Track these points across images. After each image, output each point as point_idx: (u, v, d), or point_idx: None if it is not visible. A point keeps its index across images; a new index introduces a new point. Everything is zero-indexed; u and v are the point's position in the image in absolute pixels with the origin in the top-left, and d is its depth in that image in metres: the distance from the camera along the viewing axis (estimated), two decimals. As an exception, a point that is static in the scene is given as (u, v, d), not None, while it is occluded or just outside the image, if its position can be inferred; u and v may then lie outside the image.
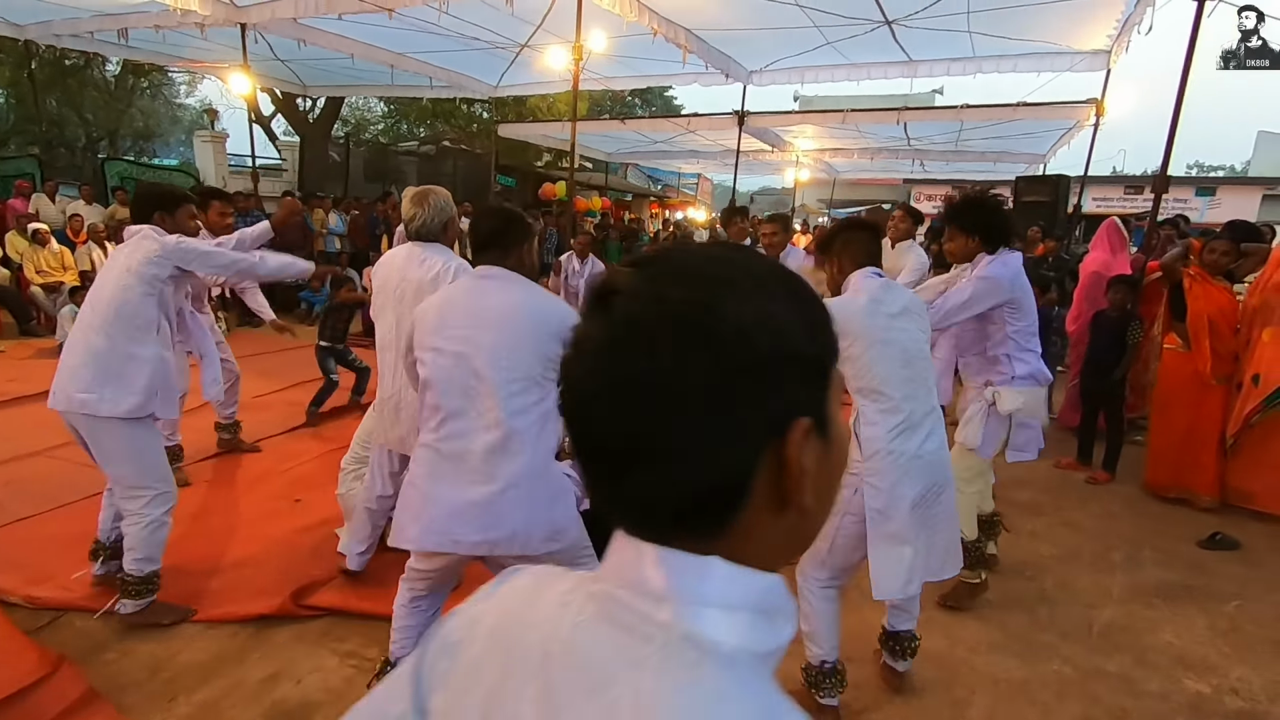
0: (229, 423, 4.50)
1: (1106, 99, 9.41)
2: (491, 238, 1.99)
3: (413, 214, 2.72)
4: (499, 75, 11.49)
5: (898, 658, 2.43)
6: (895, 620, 2.41)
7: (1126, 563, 3.50)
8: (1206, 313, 4.06)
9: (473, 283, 1.99)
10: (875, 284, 2.19)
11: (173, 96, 24.76)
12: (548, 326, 1.87)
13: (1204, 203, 19.29)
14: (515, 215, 2.06)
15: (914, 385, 2.12)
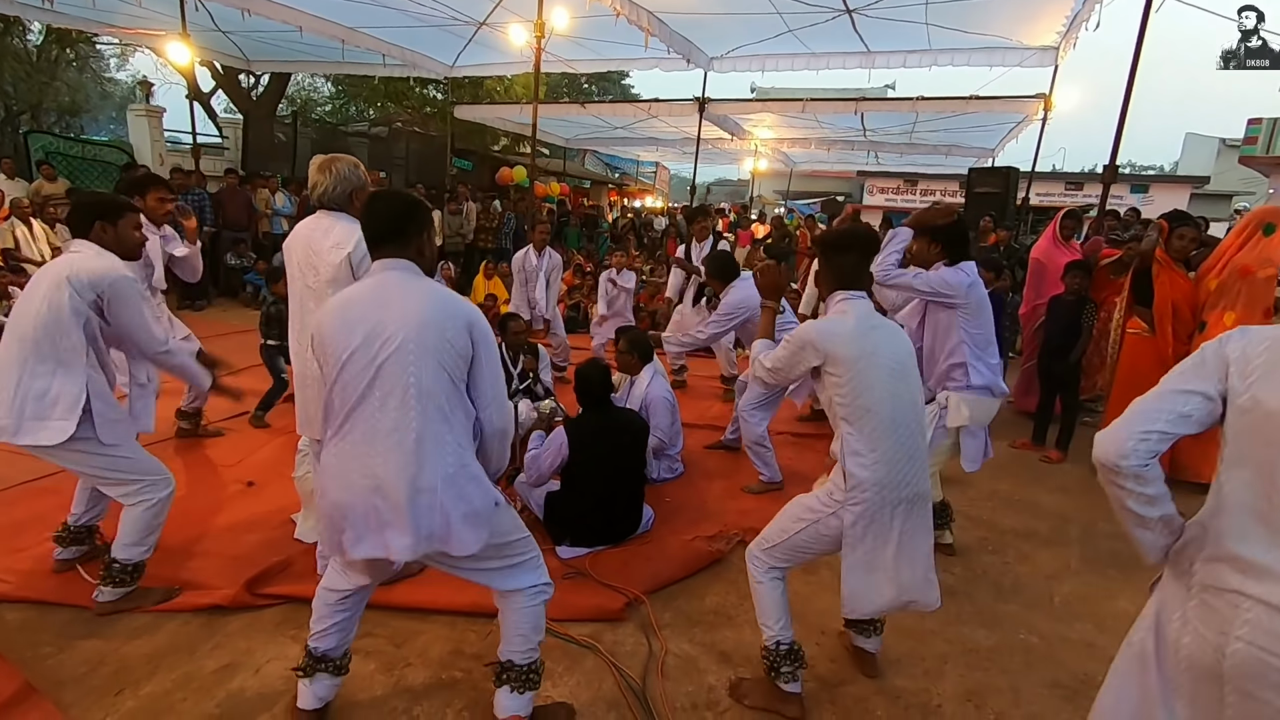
0: (192, 411, 4.29)
1: (1054, 94, 9.72)
2: (390, 228, 1.85)
3: (316, 181, 2.59)
4: (455, 54, 11.20)
5: (866, 636, 2.42)
6: (866, 644, 2.46)
7: (1082, 536, 3.62)
8: (1171, 298, 4.17)
9: (375, 279, 1.85)
10: (863, 305, 2.14)
11: (102, 70, 23.41)
12: (456, 322, 1.78)
13: (1138, 199, 20.22)
14: (413, 202, 1.92)
15: (901, 409, 2.05)
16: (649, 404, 3.94)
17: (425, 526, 1.75)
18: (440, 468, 1.75)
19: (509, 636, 2.00)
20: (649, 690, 2.29)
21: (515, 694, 1.98)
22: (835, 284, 2.19)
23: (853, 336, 2.06)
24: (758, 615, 2.24)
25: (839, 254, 2.20)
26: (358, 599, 2.03)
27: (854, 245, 2.21)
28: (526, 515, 3.42)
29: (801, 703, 2.19)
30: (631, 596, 2.78)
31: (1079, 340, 4.48)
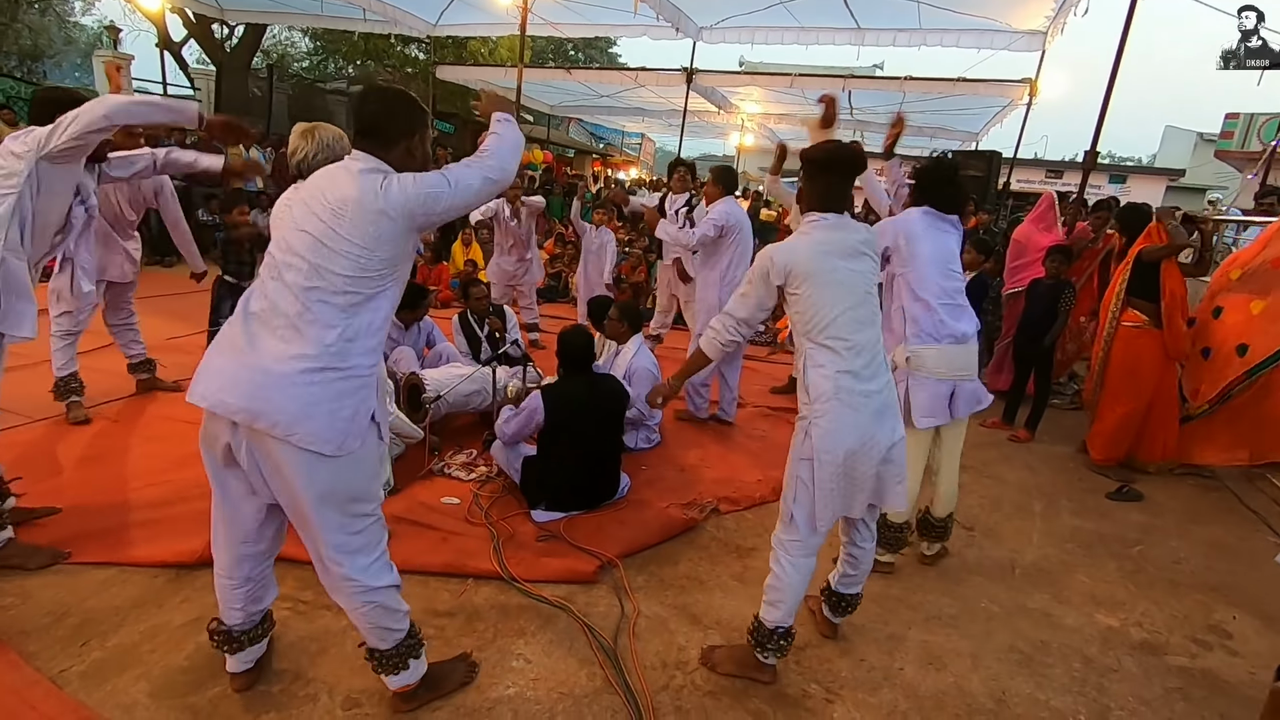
0: (138, 361, 4.19)
1: (1040, 79, 9.76)
2: (372, 124, 1.72)
3: (296, 147, 2.50)
4: (439, 12, 10.89)
5: (838, 614, 2.45)
6: (844, 584, 2.38)
7: (1045, 512, 3.72)
8: (1179, 292, 4.09)
9: (328, 170, 1.74)
10: (824, 225, 2.13)
11: (66, 14, 22.40)
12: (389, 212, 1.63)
13: (1116, 189, 20.48)
14: (403, 98, 1.78)
15: (863, 326, 2.07)
16: (632, 374, 3.94)
17: (272, 401, 1.60)
18: (322, 351, 1.62)
19: (361, 630, 1.88)
20: (620, 650, 2.32)
21: (390, 676, 1.91)
22: (812, 204, 2.16)
23: (808, 251, 2.10)
24: (769, 593, 2.19)
25: (820, 173, 2.16)
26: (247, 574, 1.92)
27: (835, 164, 2.15)
28: (503, 479, 3.43)
29: (775, 672, 2.24)
30: (605, 560, 2.81)
31: (1055, 323, 4.55)
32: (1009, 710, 2.21)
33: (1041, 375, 4.76)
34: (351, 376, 1.67)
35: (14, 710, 1.88)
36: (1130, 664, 2.50)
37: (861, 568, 2.35)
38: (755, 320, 2.28)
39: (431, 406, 3.67)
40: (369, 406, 1.72)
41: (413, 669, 1.94)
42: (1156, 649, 2.61)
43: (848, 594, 2.40)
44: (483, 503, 3.22)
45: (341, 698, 2.02)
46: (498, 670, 2.18)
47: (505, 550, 2.81)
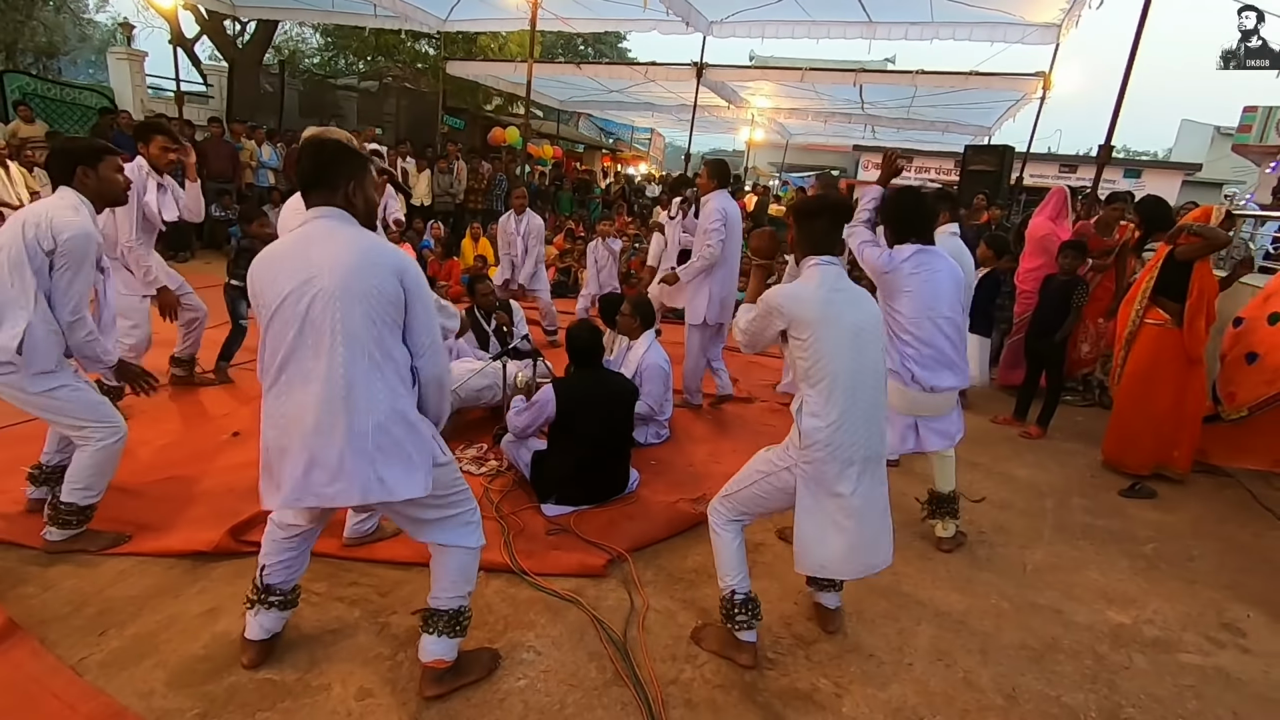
0: (185, 357, 4.29)
1: (1054, 73, 9.66)
2: (314, 175, 1.79)
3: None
4: (449, 7, 10.91)
5: (825, 591, 2.50)
6: (825, 599, 2.50)
7: (1056, 509, 3.70)
8: (1209, 293, 3.98)
9: (303, 229, 1.79)
10: (831, 271, 2.17)
11: (80, 11, 22.60)
12: (382, 270, 1.74)
13: (1130, 184, 20.27)
14: (337, 147, 1.83)
15: (863, 374, 2.09)
16: (644, 370, 3.95)
17: (359, 474, 1.75)
18: (371, 415, 1.75)
19: (438, 582, 2.02)
20: (630, 643, 2.33)
21: (438, 638, 2.00)
22: (807, 249, 2.22)
23: (815, 301, 2.11)
24: (717, 565, 2.31)
25: (810, 219, 2.23)
26: (305, 538, 2.08)
27: (824, 211, 2.22)
28: (513, 474, 3.45)
29: (755, 651, 2.27)
30: (615, 554, 2.82)
31: (1067, 320, 4.52)
32: (1019, 707, 2.20)
33: (1053, 372, 4.72)
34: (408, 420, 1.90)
35: (36, 697, 1.92)
36: (1142, 661, 2.49)
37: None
38: (752, 349, 2.36)
39: (442, 401, 3.69)
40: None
41: (457, 641, 2.04)
42: (1169, 646, 2.59)
43: (830, 608, 2.49)
44: (493, 496, 3.24)
45: (355, 688, 2.04)
46: (509, 662, 2.20)
47: (516, 544, 2.83)
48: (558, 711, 2.02)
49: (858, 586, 2.80)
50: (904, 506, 3.56)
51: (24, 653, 2.06)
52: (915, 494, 3.32)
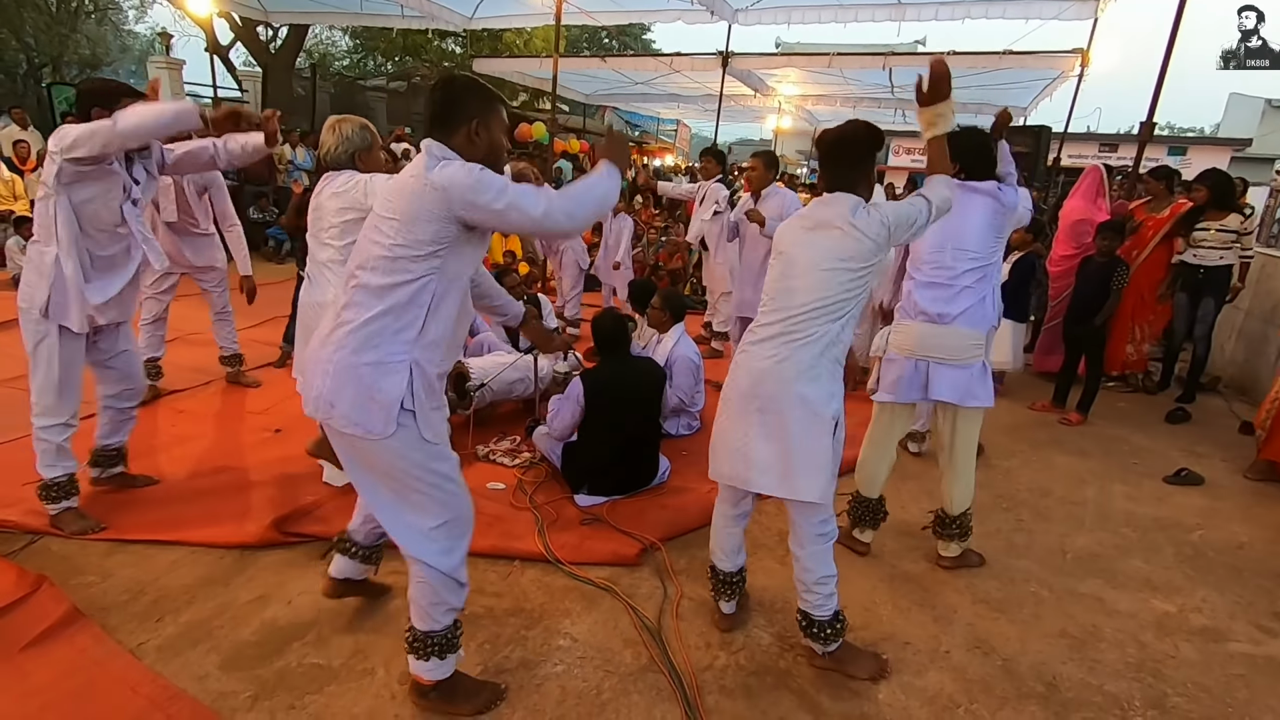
0: (229, 354, 4.45)
1: (1092, 50, 9.35)
2: (436, 112, 1.75)
3: (323, 141, 2.76)
4: (475, 5, 10.97)
5: (807, 637, 2.19)
6: (802, 600, 2.18)
7: (1098, 496, 3.62)
8: None
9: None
10: (816, 204, 2.17)
11: (121, 23, 23.32)
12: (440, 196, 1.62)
13: (1175, 162, 19.55)
14: (464, 86, 1.76)
15: (785, 298, 2.06)
16: (673, 363, 3.96)
17: (313, 385, 1.73)
18: (351, 335, 1.68)
19: (410, 602, 1.89)
20: (664, 630, 2.36)
21: (415, 659, 1.89)
22: (824, 184, 2.14)
23: (786, 230, 2.17)
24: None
25: (826, 154, 2.16)
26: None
27: (840, 143, 2.13)
28: (546, 465, 3.50)
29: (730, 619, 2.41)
30: (647, 543, 2.85)
31: (1107, 302, 4.40)
32: (1060, 695, 2.17)
33: (1093, 356, 4.61)
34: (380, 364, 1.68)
35: (99, 680, 2.01)
36: (1189, 650, 2.43)
37: (807, 577, 2.13)
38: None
39: (476, 394, 3.76)
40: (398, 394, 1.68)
41: (429, 667, 1.89)
42: (1218, 635, 2.53)
43: (804, 611, 2.16)
44: (527, 488, 3.29)
45: (398, 673, 2.10)
46: (545, 649, 2.24)
47: (549, 533, 2.87)
48: (594, 697, 2.06)
49: (891, 575, 2.79)
50: (937, 494, 3.53)
51: (87, 638, 2.16)
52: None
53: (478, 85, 1.78)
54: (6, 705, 1.90)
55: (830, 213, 2.06)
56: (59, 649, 2.11)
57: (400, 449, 1.71)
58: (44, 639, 2.13)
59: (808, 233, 2.09)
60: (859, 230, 1.99)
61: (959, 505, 2.79)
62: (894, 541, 3.04)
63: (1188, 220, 4.94)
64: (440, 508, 1.80)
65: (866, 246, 1.99)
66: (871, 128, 2.13)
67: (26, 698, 1.93)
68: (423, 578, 1.83)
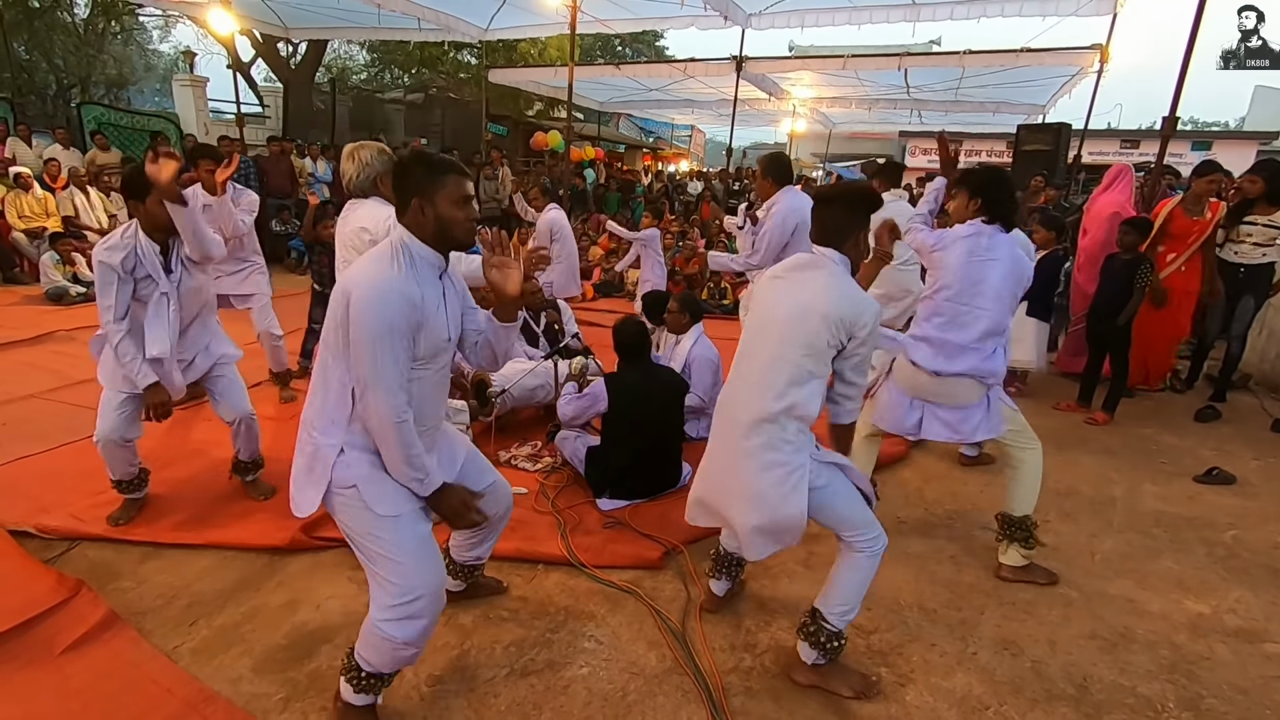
0: (278, 371, 4.52)
1: (1111, 45, 9.24)
2: (393, 189, 1.83)
3: (343, 170, 2.82)
4: (489, 17, 11.10)
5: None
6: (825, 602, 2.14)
7: (1126, 496, 3.56)
8: None
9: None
10: (800, 259, 2.13)
11: (145, 42, 23.83)
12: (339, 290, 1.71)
13: (1199, 157, 19.23)
14: (408, 163, 1.78)
15: (754, 344, 2.10)
16: (691, 362, 3.96)
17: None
18: (307, 413, 1.85)
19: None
20: (688, 633, 2.36)
21: (343, 676, 1.89)
22: (815, 237, 2.12)
23: (763, 284, 2.19)
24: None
25: (820, 207, 2.13)
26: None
27: (834, 198, 2.11)
28: (568, 470, 3.51)
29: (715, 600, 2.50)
30: (670, 546, 2.85)
31: (1130, 300, 4.33)
32: (1091, 697, 2.14)
33: (1118, 355, 4.54)
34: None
35: (137, 682, 2.06)
36: (1224, 651, 2.38)
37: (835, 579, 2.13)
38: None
39: (498, 400, 3.79)
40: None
41: (348, 691, 1.88)
42: (1253, 636, 2.48)
43: (818, 609, 2.13)
44: (549, 492, 3.31)
45: (426, 675, 2.13)
46: (570, 651, 2.26)
47: (572, 537, 2.89)
48: (620, 699, 2.07)
49: (918, 577, 2.77)
50: (964, 495, 3.50)
51: (124, 641, 2.22)
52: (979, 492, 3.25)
53: (423, 161, 1.77)
54: (48, 706, 1.95)
55: (815, 288, 2.01)
56: (97, 652, 2.17)
57: (344, 519, 1.81)
58: (82, 642, 2.19)
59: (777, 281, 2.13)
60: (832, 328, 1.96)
61: (1020, 508, 2.74)
62: (921, 544, 3.02)
63: (1237, 212, 4.74)
64: (391, 577, 1.77)
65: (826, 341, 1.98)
66: (869, 192, 2.13)
67: (67, 699, 1.98)
68: (366, 622, 1.82)
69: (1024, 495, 2.75)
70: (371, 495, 1.76)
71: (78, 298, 6.82)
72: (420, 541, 1.81)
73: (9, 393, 4.24)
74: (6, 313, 6.37)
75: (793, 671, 2.17)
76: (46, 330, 5.66)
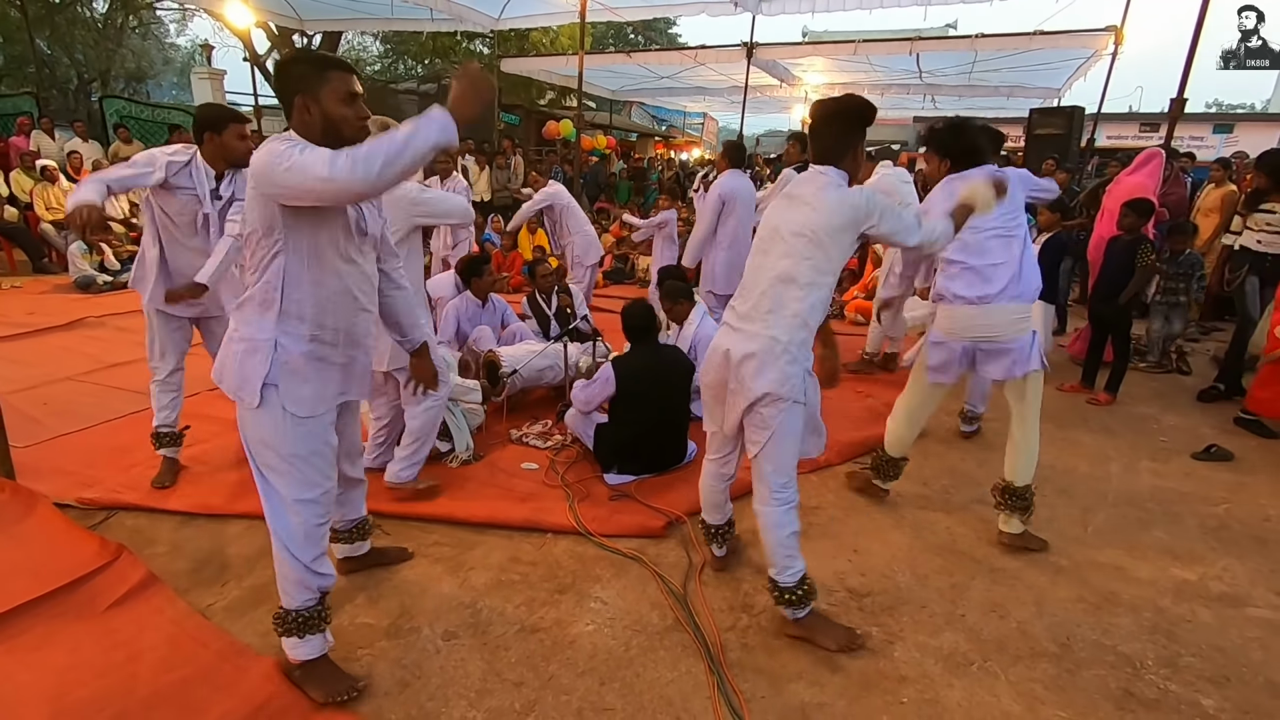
0: None
1: (1126, 26, 9.17)
2: (275, 92, 1.82)
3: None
4: (501, 7, 11.19)
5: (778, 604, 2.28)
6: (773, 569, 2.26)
7: (1123, 473, 3.64)
8: None
9: None
10: (801, 177, 2.19)
11: (163, 36, 24.15)
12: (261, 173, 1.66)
13: (1221, 140, 18.93)
14: (286, 64, 1.80)
15: (756, 274, 2.15)
16: (697, 344, 4.06)
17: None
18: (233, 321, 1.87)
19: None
20: (689, 595, 2.49)
21: (280, 634, 2.01)
22: (815, 157, 2.14)
23: (769, 209, 2.24)
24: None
25: (818, 124, 2.16)
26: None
27: (827, 115, 2.13)
28: (577, 446, 3.64)
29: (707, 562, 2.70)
30: (674, 517, 2.98)
31: (1131, 280, 4.38)
32: (1073, 654, 2.24)
33: (1120, 335, 4.58)
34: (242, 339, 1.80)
35: (174, 636, 2.22)
36: (1206, 615, 2.47)
37: (767, 538, 2.22)
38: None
39: (508, 380, 3.93)
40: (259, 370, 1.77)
41: (291, 645, 1.99)
42: (1237, 601, 2.56)
43: (771, 577, 2.25)
44: (559, 467, 3.44)
45: (441, 630, 2.27)
46: (577, 610, 2.39)
47: (580, 508, 3.02)
48: (623, 653, 2.20)
49: (912, 546, 2.87)
50: (960, 470, 3.59)
51: (162, 600, 2.38)
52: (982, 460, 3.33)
53: (301, 60, 1.77)
54: (94, 655, 2.11)
55: (806, 189, 2.11)
56: (137, 609, 2.33)
57: (265, 420, 1.82)
58: (124, 600, 2.36)
59: (783, 205, 2.18)
60: (826, 205, 2.03)
61: (1022, 477, 2.82)
62: (916, 515, 3.12)
63: (1251, 202, 4.78)
64: (298, 486, 1.87)
65: (832, 221, 2.02)
66: (863, 102, 2.12)
67: (112, 650, 2.14)
68: (279, 554, 1.92)
69: (1028, 465, 2.82)
70: (290, 396, 1.80)
71: (105, 286, 7.05)
72: (323, 447, 1.90)
73: (48, 375, 4.44)
74: (39, 300, 6.61)
75: (784, 628, 2.30)
76: (78, 317, 5.88)
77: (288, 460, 1.86)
